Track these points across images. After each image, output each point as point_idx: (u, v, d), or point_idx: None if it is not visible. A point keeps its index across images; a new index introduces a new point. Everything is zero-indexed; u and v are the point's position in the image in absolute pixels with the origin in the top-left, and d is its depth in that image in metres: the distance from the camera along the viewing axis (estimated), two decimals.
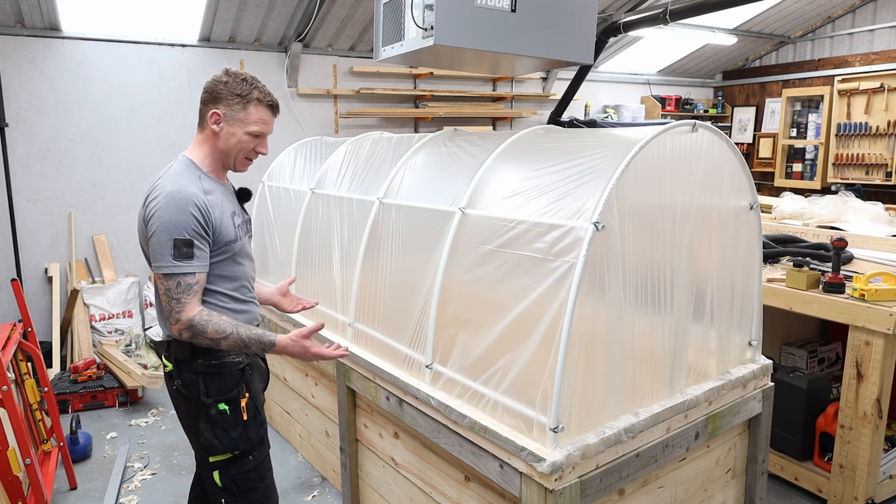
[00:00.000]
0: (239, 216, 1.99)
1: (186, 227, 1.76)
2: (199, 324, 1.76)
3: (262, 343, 1.83)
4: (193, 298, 1.78)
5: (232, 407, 1.90)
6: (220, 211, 1.87)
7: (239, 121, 1.88)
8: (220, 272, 1.90)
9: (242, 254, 1.97)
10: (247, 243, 2.03)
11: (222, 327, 1.78)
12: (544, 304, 1.87)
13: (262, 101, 1.90)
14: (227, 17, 5.00)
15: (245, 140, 1.90)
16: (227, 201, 1.95)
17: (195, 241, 1.77)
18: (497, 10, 2.52)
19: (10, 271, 4.64)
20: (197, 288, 1.79)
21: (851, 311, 2.70)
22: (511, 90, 7.05)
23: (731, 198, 2.30)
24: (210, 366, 1.91)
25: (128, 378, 4.15)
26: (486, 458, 1.99)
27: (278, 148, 4.69)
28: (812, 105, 7.64)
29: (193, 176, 1.87)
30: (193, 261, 1.77)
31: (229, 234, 1.89)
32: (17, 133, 4.60)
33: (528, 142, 2.50)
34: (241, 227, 1.98)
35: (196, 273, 1.79)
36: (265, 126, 1.92)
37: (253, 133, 1.90)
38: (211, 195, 1.86)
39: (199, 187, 1.84)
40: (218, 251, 1.87)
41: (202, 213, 1.79)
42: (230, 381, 1.93)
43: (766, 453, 2.53)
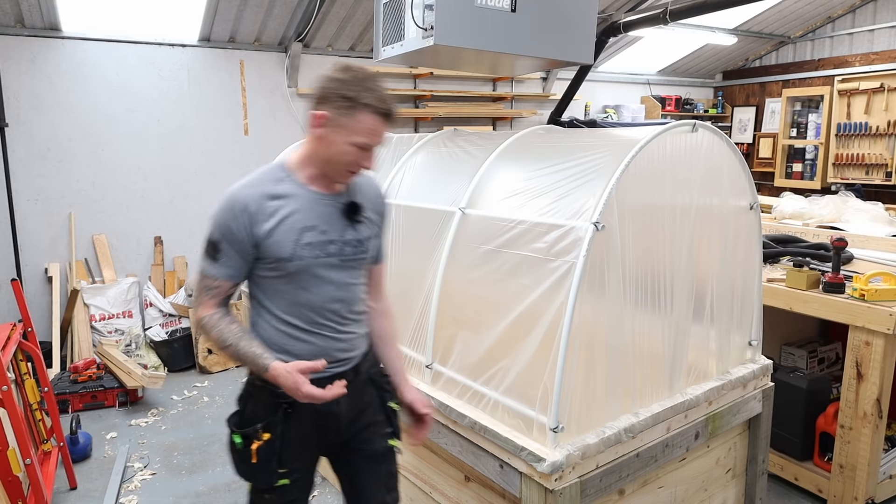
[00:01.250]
0: (323, 233, 1.64)
1: (219, 227, 1.60)
2: (206, 325, 1.64)
3: (257, 364, 1.57)
4: (211, 300, 1.64)
5: (245, 442, 1.66)
6: (277, 222, 1.59)
7: (343, 128, 1.56)
8: (276, 289, 1.66)
9: (308, 276, 1.63)
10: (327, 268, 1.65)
11: (224, 335, 1.61)
12: (544, 304, 1.87)
13: (375, 109, 1.55)
14: (227, 17, 5.00)
15: (348, 151, 1.57)
16: (308, 213, 1.63)
17: (222, 244, 1.60)
18: (497, 10, 2.52)
19: (10, 271, 4.63)
20: (217, 293, 1.63)
21: (851, 311, 2.70)
22: (511, 90, 7.05)
23: (731, 198, 2.30)
24: (253, 386, 1.71)
25: (128, 378, 4.15)
26: (485, 458, 1.99)
27: (278, 148, 4.69)
28: (812, 105, 7.63)
29: (272, 178, 1.64)
30: (217, 265, 1.61)
31: (283, 250, 1.59)
32: (17, 133, 4.60)
33: (528, 142, 2.50)
34: (315, 246, 1.63)
35: (218, 279, 1.62)
36: (374, 138, 1.57)
37: (358, 144, 1.56)
38: (278, 201, 1.60)
39: (264, 192, 1.61)
40: (268, 266, 1.63)
41: (243, 218, 1.58)
42: (259, 412, 1.68)
43: (766, 453, 2.53)
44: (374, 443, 1.81)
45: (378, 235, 1.81)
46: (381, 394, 1.84)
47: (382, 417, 1.83)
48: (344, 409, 1.73)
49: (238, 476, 1.72)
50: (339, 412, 1.73)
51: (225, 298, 1.67)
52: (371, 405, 1.81)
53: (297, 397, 1.54)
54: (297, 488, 1.73)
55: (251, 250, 1.61)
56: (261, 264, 1.64)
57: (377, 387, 1.83)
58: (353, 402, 1.74)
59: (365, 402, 1.79)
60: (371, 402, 1.81)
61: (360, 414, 1.78)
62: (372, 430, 1.80)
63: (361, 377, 1.78)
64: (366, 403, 1.80)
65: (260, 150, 5.54)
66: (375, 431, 1.81)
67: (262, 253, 1.61)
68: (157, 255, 5.23)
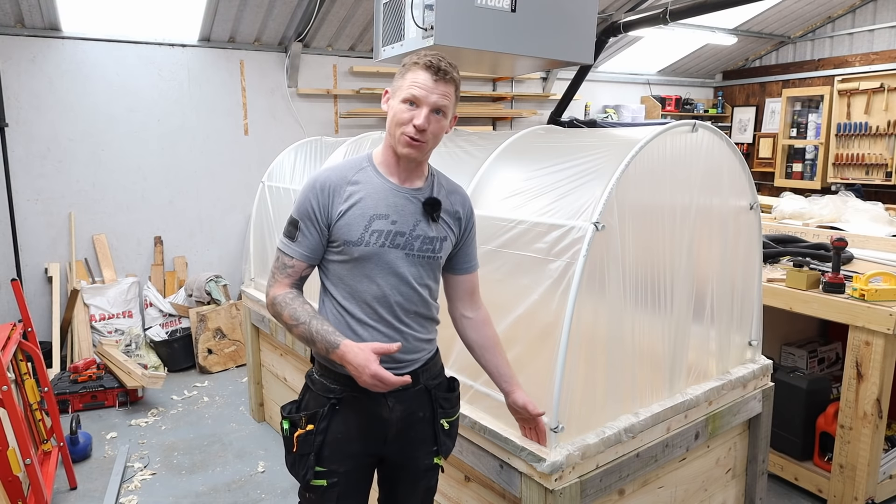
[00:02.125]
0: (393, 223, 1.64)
1: (300, 206, 1.65)
2: (280, 303, 1.63)
3: (328, 342, 1.55)
4: (286, 280, 1.66)
5: (290, 429, 1.68)
6: (350, 205, 1.62)
7: (397, 90, 1.61)
8: (340, 275, 1.67)
9: (372, 265, 1.63)
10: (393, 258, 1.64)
11: (297, 314, 1.60)
12: (544, 304, 1.87)
13: (420, 64, 1.58)
14: (227, 17, 5.00)
15: (400, 110, 1.59)
16: (381, 202, 1.64)
17: (301, 222, 1.64)
18: (497, 10, 2.52)
19: (10, 271, 4.63)
20: (291, 272, 1.66)
21: (851, 311, 2.70)
22: (511, 90, 7.05)
23: (731, 198, 2.30)
24: (311, 378, 1.74)
25: (128, 378, 4.15)
26: (485, 458, 1.99)
27: (278, 148, 4.69)
28: (812, 105, 7.63)
29: (354, 166, 1.69)
30: (294, 244, 1.65)
31: (351, 233, 1.61)
32: (17, 133, 4.60)
33: (528, 142, 2.50)
34: (383, 234, 1.63)
35: (293, 258, 1.65)
36: (419, 90, 1.57)
37: (407, 99, 1.58)
38: (355, 186, 1.64)
39: (345, 176, 1.66)
40: (336, 249, 1.65)
41: (322, 197, 1.62)
42: (311, 404, 1.69)
43: (766, 453, 2.53)
44: (419, 460, 1.77)
45: (455, 241, 1.77)
46: (436, 409, 1.77)
47: (430, 434, 1.78)
48: (396, 416, 1.70)
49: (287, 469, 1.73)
50: (388, 418, 1.69)
51: (299, 280, 1.68)
52: (423, 419, 1.76)
53: (362, 377, 1.51)
54: (336, 494, 1.68)
55: (326, 230, 1.64)
56: (330, 248, 1.67)
57: (433, 400, 1.77)
58: (405, 411, 1.71)
59: (418, 415, 1.74)
60: (424, 416, 1.76)
61: (411, 426, 1.74)
62: (418, 446, 1.76)
63: (419, 386, 1.73)
64: (419, 417, 1.75)
65: (260, 150, 5.54)
66: (422, 447, 1.77)
67: (333, 235, 1.64)
68: (157, 255, 5.23)
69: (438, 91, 1.58)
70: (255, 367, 3.93)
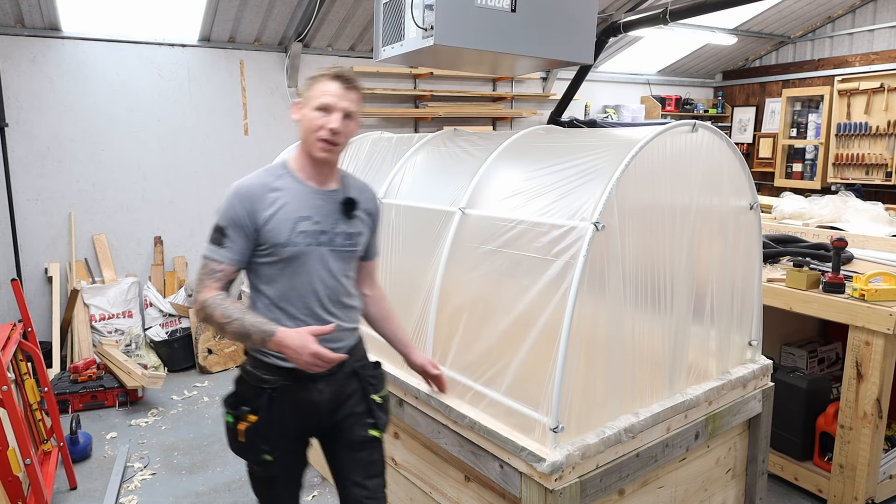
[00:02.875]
0: (316, 223, 1.80)
1: (225, 214, 1.76)
2: (210, 305, 1.72)
3: (264, 332, 1.66)
4: (215, 284, 1.75)
5: (234, 422, 1.82)
6: (275, 210, 1.75)
7: (308, 100, 1.78)
8: (270, 275, 1.80)
9: (301, 263, 1.78)
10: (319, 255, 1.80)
11: (228, 312, 1.70)
12: (544, 303, 1.87)
13: (328, 76, 1.77)
14: (227, 17, 5.00)
15: (314, 117, 1.75)
16: (303, 204, 1.79)
17: (228, 229, 1.75)
18: (497, 10, 2.52)
19: (10, 271, 4.63)
20: (220, 276, 1.76)
21: (851, 311, 2.70)
22: (511, 90, 7.05)
23: (731, 198, 2.30)
24: (245, 371, 1.87)
25: (128, 378, 4.15)
26: (486, 459, 1.99)
27: (278, 148, 4.69)
28: (812, 105, 7.63)
29: (272, 174, 1.83)
30: (222, 249, 1.75)
31: (279, 236, 1.75)
32: (17, 133, 4.60)
33: (528, 142, 2.50)
34: (309, 234, 1.78)
35: (222, 262, 1.75)
36: (330, 97, 1.74)
37: (320, 107, 1.74)
38: (276, 192, 1.78)
39: (266, 183, 1.79)
40: (264, 251, 1.78)
41: (247, 204, 1.75)
42: (248, 396, 1.82)
43: (766, 453, 2.53)
44: (354, 432, 1.93)
45: (369, 234, 1.98)
46: (365, 386, 1.95)
47: (364, 409, 1.94)
48: (325, 398, 1.87)
49: (231, 450, 1.88)
50: (318, 401, 1.86)
51: (227, 283, 1.79)
52: (353, 396, 1.93)
53: (301, 358, 1.65)
54: (281, 465, 1.87)
55: (253, 235, 1.76)
56: (259, 252, 1.79)
57: (361, 380, 1.95)
58: (334, 393, 1.88)
59: (346, 393, 1.91)
60: (353, 393, 1.93)
61: (342, 404, 1.91)
62: (352, 420, 1.92)
63: (345, 370, 1.90)
64: (347, 395, 1.92)
65: (260, 150, 5.54)
66: (356, 421, 1.93)
67: (262, 239, 1.77)
68: (157, 255, 5.23)
69: (348, 98, 1.77)
70: None
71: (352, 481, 1.93)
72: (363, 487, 1.92)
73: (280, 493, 1.97)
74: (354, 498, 1.93)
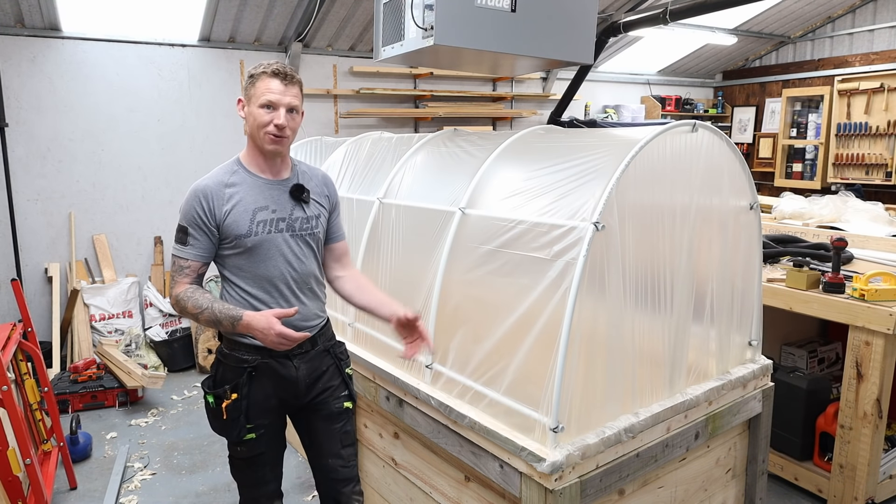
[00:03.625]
0: (273, 212, 1.92)
1: (186, 214, 1.87)
2: (182, 298, 1.85)
3: (232, 317, 1.79)
4: (185, 279, 1.88)
5: (216, 402, 1.94)
6: (233, 205, 1.87)
7: (252, 98, 1.87)
8: (238, 265, 1.92)
9: (265, 251, 1.90)
10: (281, 240, 1.92)
11: (199, 302, 1.82)
12: (544, 303, 1.87)
13: (266, 72, 1.86)
14: (227, 17, 5.00)
15: (259, 115, 1.85)
16: (259, 196, 1.91)
17: (190, 228, 1.87)
18: (497, 10, 2.52)
19: (10, 271, 4.63)
20: (189, 272, 1.88)
21: (851, 311, 2.70)
22: (511, 90, 7.05)
23: (731, 198, 2.30)
24: (222, 353, 1.98)
25: (128, 378, 4.15)
26: (486, 459, 1.99)
27: None
28: (812, 105, 7.63)
29: (227, 171, 1.94)
30: (186, 247, 1.87)
31: (240, 228, 1.87)
32: (17, 133, 4.60)
33: (528, 142, 2.50)
34: (268, 223, 1.90)
35: (188, 259, 1.87)
36: (273, 94, 1.84)
37: (264, 104, 1.85)
38: (232, 188, 1.89)
39: (221, 181, 1.90)
40: (228, 244, 1.89)
41: (205, 203, 1.86)
42: (228, 376, 1.94)
43: (766, 453, 2.53)
44: (330, 404, 2.07)
45: (328, 216, 2.08)
46: (338, 362, 2.10)
47: (338, 382, 2.09)
48: (302, 374, 2.00)
49: (213, 431, 1.99)
50: (297, 377, 1.99)
51: (196, 277, 1.91)
52: (327, 372, 2.07)
53: (268, 339, 1.76)
54: (263, 442, 1.99)
55: (215, 231, 1.88)
56: (224, 245, 1.91)
57: (334, 356, 2.10)
58: (310, 369, 2.02)
59: (321, 369, 2.05)
60: (327, 369, 2.07)
61: (317, 380, 2.04)
62: (328, 394, 2.06)
63: (318, 348, 2.04)
64: (322, 371, 2.06)
65: None
66: (332, 394, 2.07)
67: (224, 233, 1.88)
68: (157, 255, 5.23)
69: (290, 93, 1.87)
70: None
71: (329, 452, 2.08)
72: (339, 457, 2.08)
73: (264, 474, 2.05)
74: (331, 467, 2.08)
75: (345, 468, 2.09)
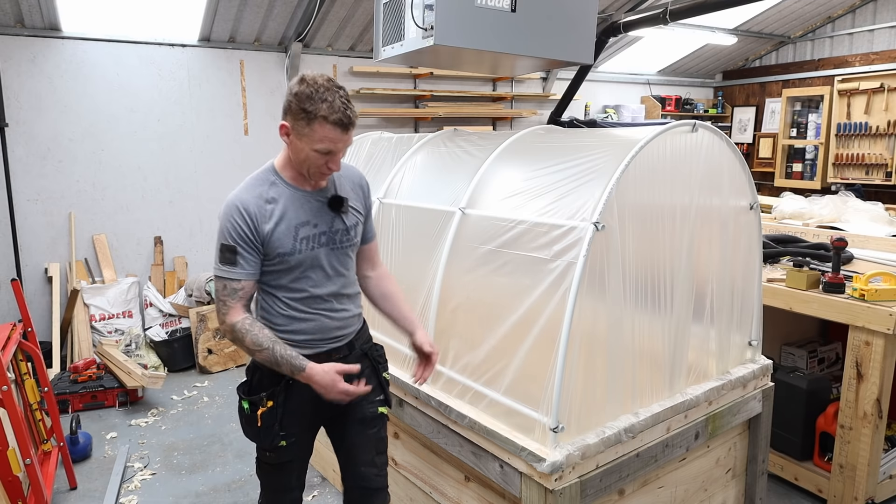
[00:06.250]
0: (315, 227, 1.84)
1: (230, 233, 1.77)
2: (239, 331, 1.78)
3: (293, 365, 1.75)
4: (238, 303, 1.80)
5: (251, 408, 1.88)
6: (276, 222, 1.79)
7: (305, 136, 1.72)
8: (280, 282, 1.85)
9: (307, 266, 1.84)
10: (324, 255, 1.86)
11: (260, 340, 1.76)
12: (544, 303, 1.87)
13: (328, 119, 1.69)
14: (227, 17, 5.00)
15: (313, 157, 1.74)
16: (300, 210, 1.83)
17: (238, 247, 1.77)
18: (497, 10, 2.52)
19: (10, 271, 4.63)
20: (241, 294, 1.79)
21: (851, 311, 2.70)
22: (511, 90, 7.05)
23: (731, 198, 2.30)
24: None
25: (128, 378, 4.15)
26: (486, 459, 1.99)
27: (278, 148, 4.67)
28: (812, 105, 7.63)
29: (264, 182, 1.84)
30: (236, 268, 1.78)
31: (284, 246, 1.79)
32: (17, 133, 4.60)
33: (528, 142, 2.50)
34: (310, 239, 1.83)
35: (241, 280, 1.79)
36: (333, 144, 1.72)
37: (319, 151, 1.73)
38: (273, 204, 1.80)
39: (260, 195, 1.80)
40: (272, 262, 1.82)
41: (248, 221, 1.76)
42: (265, 382, 1.89)
43: (766, 453, 2.53)
44: (365, 409, 2.00)
45: (364, 220, 2.01)
46: (375, 366, 2.04)
47: (377, 384, 2.02)
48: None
49: (245, 437, 1.94)
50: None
51: (248, 300, 1.84)
52: (366, 374, 1.99)
53: (330, 395, 1.76)
54: (294, 450, 1.94)
55: (260, 248, 1.80)
56: (266, 262, 1.83)
57: (370, 359, 2.03)
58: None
59: (362, 372, 1.96)
60: (366, 372, 1.99)
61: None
62: (364, 398, 1.96)
63: (356, 352, 1.99)
64: (362, 373, 1.96)
65: (260, 150, 5.55)
66: (366, 398, 1.98)
67: (267, 250, 1.80)
68: (157, 255, 5.23)
69: (346, 138, 1.75)
70: None
71: (362, 460, 2.00)
72: (372, 465, 2.01)
73: (290, 481, 2.01)
74: (364, 475, 2.01)
75: (378, 477, 2.03)
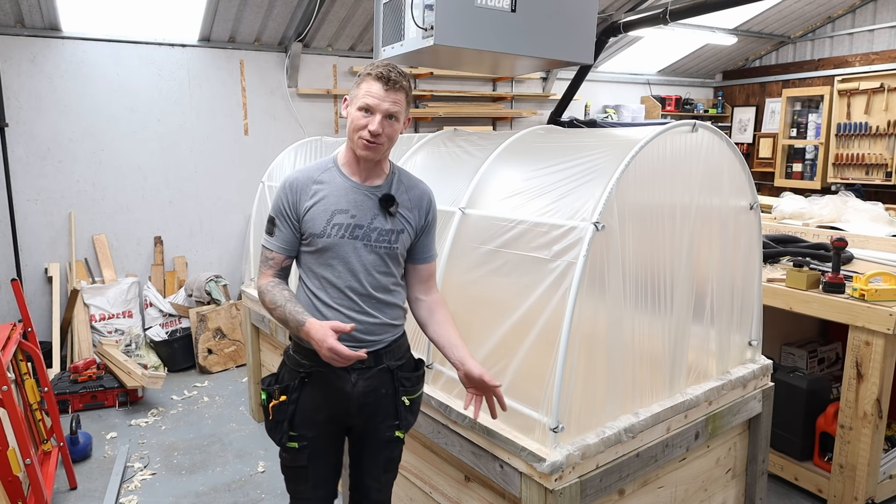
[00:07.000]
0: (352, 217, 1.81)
1: (275, 205, 1.86)
2: (263, 290, 1.85)
3: (297, 321, 1.73)
4: (269, 271, 1.88)
5: (266, 400, 1.90)
6: (315, 202, 1.82)
7: (354, 98, 1.79)
8: (309, 265, 1.87)
9: (333, 255, 1.81)
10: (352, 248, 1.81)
11: (275, 298, 1.80)
12: (544, 303, 1.87)
13: (371, 74, 1.75)
14: (227, 17, 5.00)
15: (356, 117, 1.76)
16: (342, 198, 1.82)
17: (277, 220, 1.85)
18: (497, 10, 2.52)
19: (10, 271, 4.63)
20: (273, 264, 1.87)
21: (851, 311, 2.70)
22: (511, 90, 7.05)
23: (731, 198, 2.30)
24: (287, 354, 1.96)
25: (128, 378, 4.15)
26: (486, 459, 1.99)
27: (278, 148, 4.69)
28: (812, 105, 7.63)
29: (321, 166, 1.89)
30: (273, 238, 1.87)
31: (315, 227, 1.81)
32: (17, 133, 4.60)
33: (528, 142, 2.50)
34: (343, 227, 1.81)
35: (272, 251, 1.86)
36: (372, 98, 1.73)
37: (362, 107, 1.75)
38: (320, 185, 1.84)
39: (310, 176, 1.86)
40: (305, 241, 1.85)
41: (291, 196, 1.83)
42: (286, 377, 1.91)
43: (766, 453, 2.53)
44: (381, 432, 1.95)
45: (414, 234, 1.92)
46: (397, 387, 1.94)
47: (391, 409, 1.94)
48: (358, 390, 1.88)
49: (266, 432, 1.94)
50: (351, 392, 1.87)
51: (280, 270, 1.88)
52: (386, 396, 1.92)
53: (321, 350, 1.67)
54: (305, 456, 1.90)
55: (297, 224, 1.84)
56: (302, 241, 1.87)
57: (395, 379, 1.93)
58: (367, 387, 1.88)
59: (380, 391, 1.91)
60: (386, 392, 1.92)
61: (374, 401, 1.90)
62: (380, 419, 1.93)
63: (382, 366, 1.90)
64: (381, 393, 1.91)
65: (260, 150, 5.55)
66: (383, 421, 1.94)
67: (302, 228, 1.84)
68: (157, 255, 5.23)
69: (390, 99, 1.75)
70: (255, 367, 3.93)
71: (368, 474, 2.00)
72: (376, 480, 2.00)
73: (304, 489, 1.95)
74: (366, 486, 2.00)
75: (379, 491, 2.01)
